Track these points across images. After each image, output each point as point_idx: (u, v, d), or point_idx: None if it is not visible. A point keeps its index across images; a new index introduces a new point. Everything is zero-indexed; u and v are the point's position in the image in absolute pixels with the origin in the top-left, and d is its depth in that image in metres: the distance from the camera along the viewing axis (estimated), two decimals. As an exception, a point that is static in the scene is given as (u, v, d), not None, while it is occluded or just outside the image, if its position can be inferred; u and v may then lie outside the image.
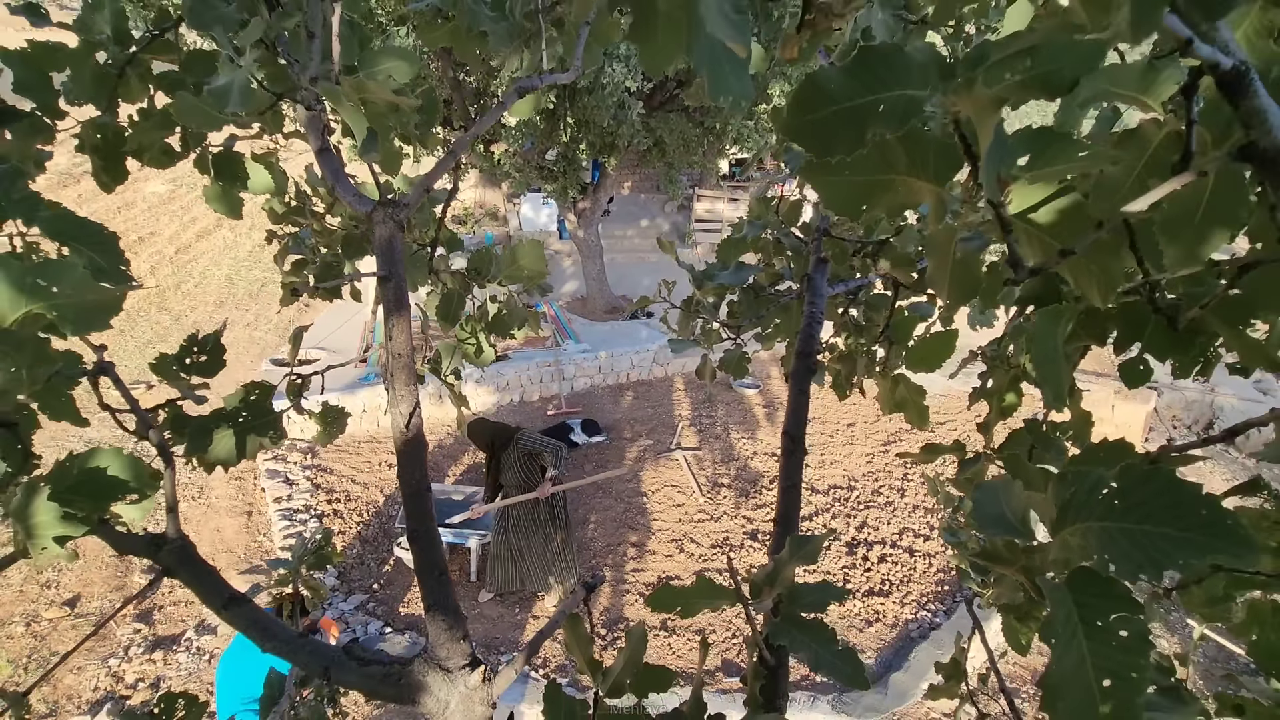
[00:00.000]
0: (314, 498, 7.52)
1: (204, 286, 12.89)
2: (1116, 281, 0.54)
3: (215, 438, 1.02)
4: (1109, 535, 0.56)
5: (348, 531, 7.07)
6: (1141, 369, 0.93)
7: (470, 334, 1.58)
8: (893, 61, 0.56)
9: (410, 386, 1.03)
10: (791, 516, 1.18)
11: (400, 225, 1.06)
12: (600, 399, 9.93)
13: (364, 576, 6.55)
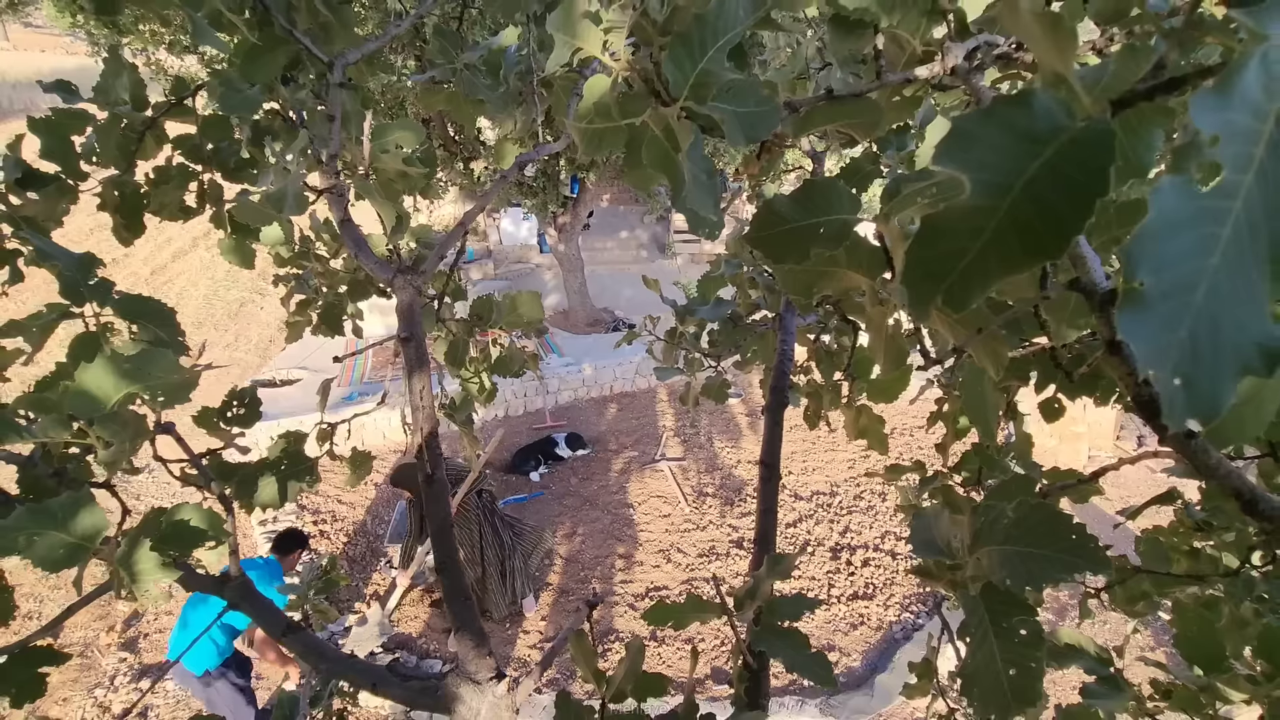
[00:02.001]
0: (299, 519, 7.53)
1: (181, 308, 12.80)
2: (1004, 360, 0.70)
3: (260, 485, 1.15)
4: (1006, 556, 0.72)
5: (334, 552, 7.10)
6: (1056, 406, 1.11)
7: (474, 374, 1.72)
8: (829, 192, 0.73)
9: (434, 438, 1.17)
10: (769, 536, 1.33)
11: (419, 291, 1.21)
12: (585, 412, 10.05)
13: (351, 598, 6.59)
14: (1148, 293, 0.24)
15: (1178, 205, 0.24)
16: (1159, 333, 0.23)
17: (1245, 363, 0.24)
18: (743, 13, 0.59)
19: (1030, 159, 0.30)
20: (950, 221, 0.32)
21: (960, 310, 0.32)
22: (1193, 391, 0.24)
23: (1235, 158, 0.23)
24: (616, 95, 0.64)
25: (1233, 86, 0.24)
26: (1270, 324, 0.24)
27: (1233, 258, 0.23)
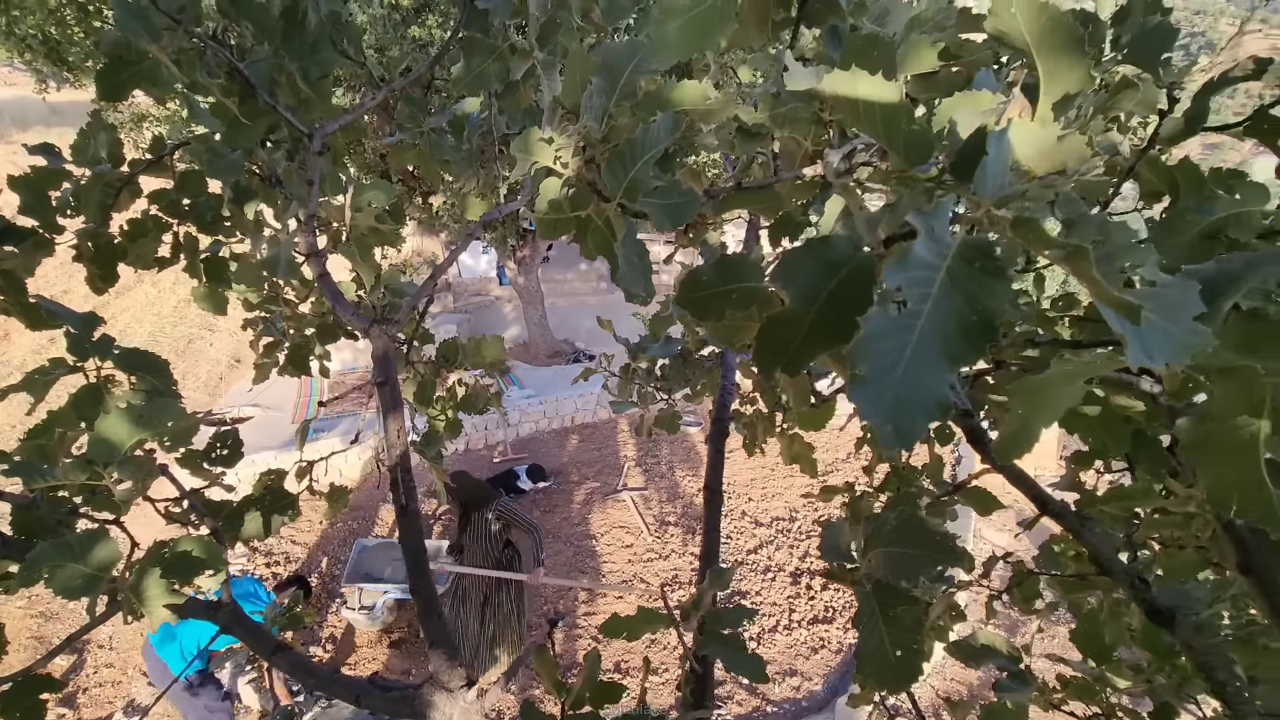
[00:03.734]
0: (250, 561, 7.35)
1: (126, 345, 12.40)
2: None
3: (246, 519, 1.25)
4: (889, 556, 0.90)
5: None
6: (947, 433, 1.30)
7: (441, 412, 1.85)
8: (741, 264, 0.91)
9: (408, 473, 1.29)
10: (713, 553, 1.49)
11: (393, 339, 1.34)
12: (546, 443, 10.09)
13: (306, 641, 6.44)
14: (865, 376, 0.40)
15: (880, 324, 0.41)
16: (873, 399, 0.40)
17: (929, 412, 0.41)
18: (663, 134, 0.77)
19: (829, 280, 0.48)
20: (782, 319, 0.49)
21: (793, 375, 0.49)
22: (899, 432, 0.41)
23: (916, 297, 0.41)
24: (567, 194, 0.81)
25: (908, 255, 0.41)
26: (945, 389, 0.41)
27: (920, 352, 0.40)
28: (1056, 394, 0.59)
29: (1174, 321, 0.42)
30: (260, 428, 9.28)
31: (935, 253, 0.41)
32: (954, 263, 0.42)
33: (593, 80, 0.82)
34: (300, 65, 1.46)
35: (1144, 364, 0.40)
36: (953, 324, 0.41)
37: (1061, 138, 0.45)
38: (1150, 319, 0.42)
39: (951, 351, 0.41)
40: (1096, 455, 1.29)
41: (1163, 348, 0.41)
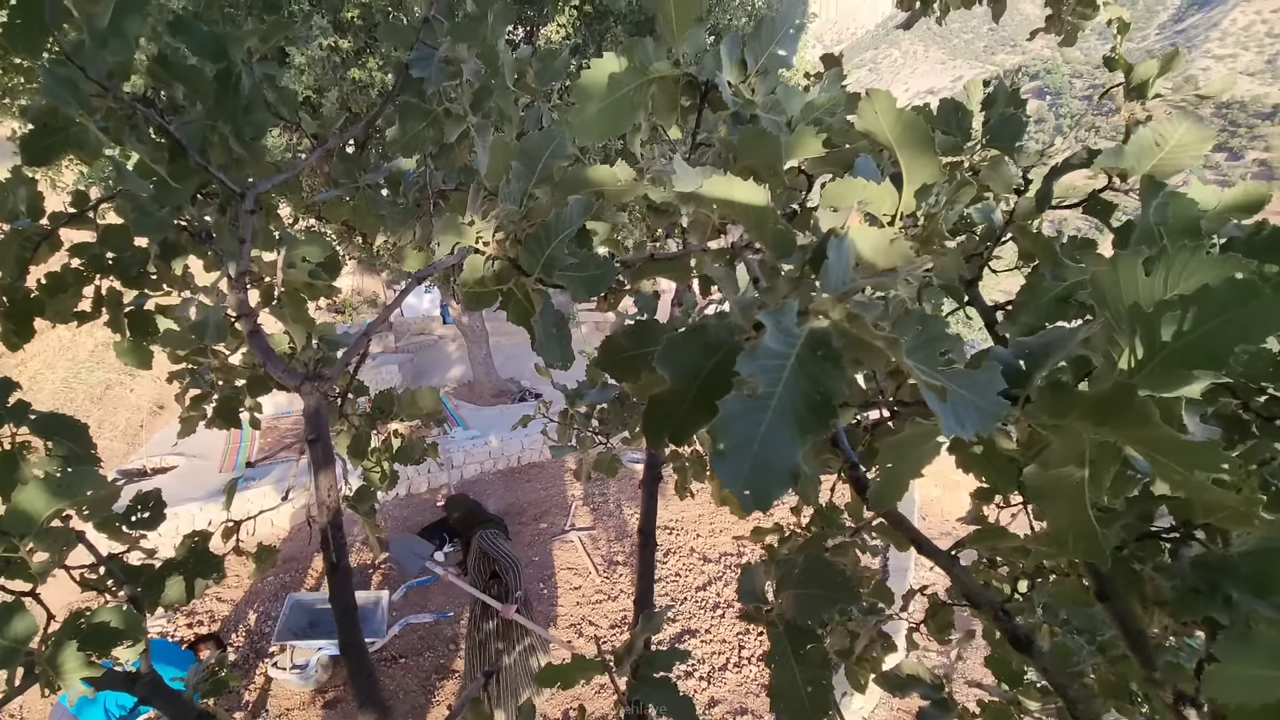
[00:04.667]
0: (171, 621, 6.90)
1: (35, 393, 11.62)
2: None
3: (167, 585, 1.22)
4: (798, 598, 0.97)
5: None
6: (858, 474, 1.41)
7: (376, 464, 1.84)
8: (654, 330, 0.99)
9: (339, 530, 1.29)
10: (647, 598, 1.53)
11: (325, 395, 1.36)
12: (492, 485, 9.91)
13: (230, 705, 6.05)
14: (725, 450, 0.48)
15: (737, 406, 0.48)
16: (732, 471, 0.47)
17: (783, 480, 0.48)
18: (576, 216, 0.84)
19: (706, 361, 0.55)
20: (666, 398, 0.56)
21: (680, 444, 0.56)
22: (756, 498, 0.48)
23: (768, 382, 0.49)
24: (491, 268, 0.87)
25: (759, 348, 0.49)
26: (797, 459, 0.49)
27: (773, 429, 0.48)
28: (917, 451, 0.68)
29: (981, 396, 0.51)
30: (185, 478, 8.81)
31: (785, 343, 0.49)
32: (802, 351, 0.50)
33: (513, 165, 0.90)
34: (233, 126, 1.49)
35: (956, 433, 0.49)
36: (801, 403, 0.49)
37: (893, 241, 0.54)
38: (961, 394, 0.50)
39: (801, 427, 0.49)
40: (993, 491, 1.41)
41: (971, 418, 0.50)
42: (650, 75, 1.05)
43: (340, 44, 7.81)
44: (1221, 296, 0.54)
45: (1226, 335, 0.53)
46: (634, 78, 1.05)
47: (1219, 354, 0.54)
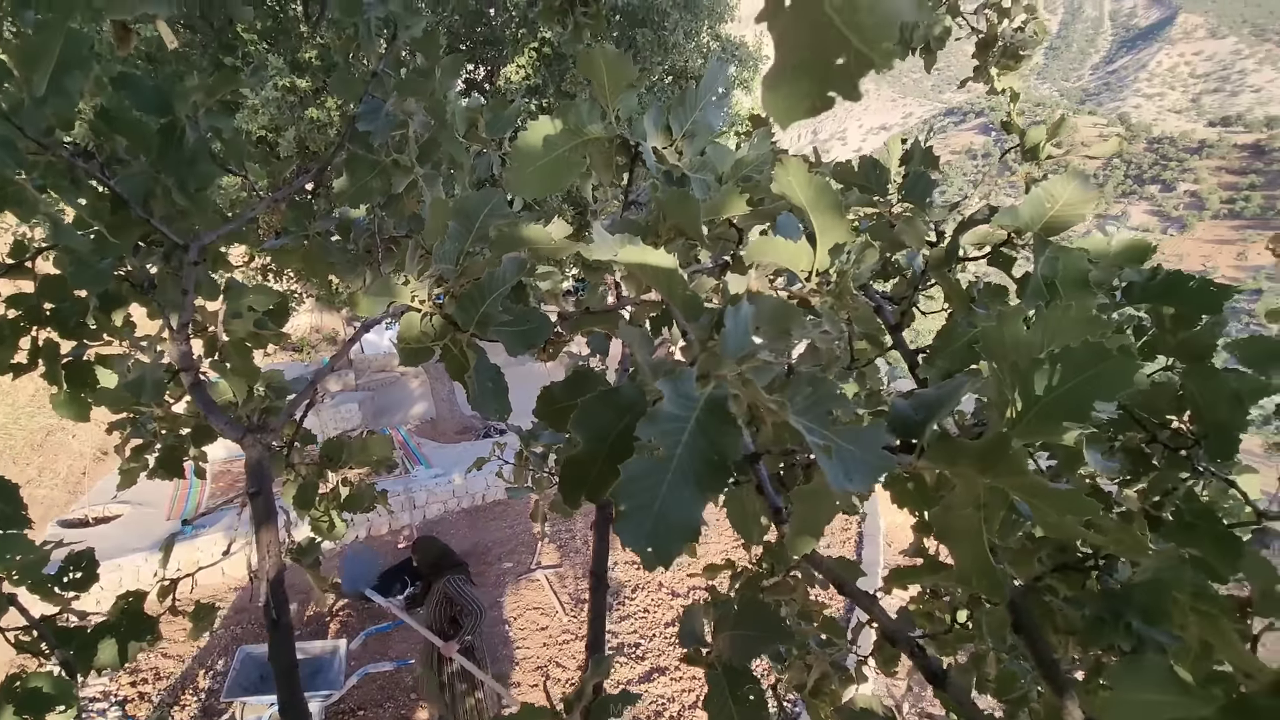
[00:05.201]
0: (114, 681, 6.53)
1: (-30, 442, 11.03)
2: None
3: (100, 648, 1.18)
4: (734, 639, 0.99)
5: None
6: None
7: (324, 513, 1.81)
8: (588, 380, 1.02)
9: (280, 585, 1.27)
10: (599, 641, 1.53)
11: (268, 448, 1.35)
12: (456, 525, 9.70)
13: (180, 768, 5.72)
14: (627, 510, 0.51)
15: (639, 467, 0.52)
16: (634, 530, 0.51)
17: (684, 536, 0.52)
18: (509, 274, 0.88)
19: (618, 423, 0.59)
20: (580, 459, 0.59)
21: (595, 501, 0.59)
22: (658, 554, 0.51)
23: (668, 444, 0.52)
24: (428, 323, 0.90)
25: (658, 413, 0.53)
26: (698, 515, 0.52)
27: (673, 489, 0.52)
28: (827, 499, 0.72)
29: (867, 451, 0.55)
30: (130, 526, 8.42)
31: (684, 407, 0.53)
32: (701, 413, 0.54)
33: (450, 224, 0.93)
34: (177, 178, 1.49)
35: (843, 487, 0.53)
36: (700, 464, 0.53)
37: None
38: (849, 450, 0.55)
39: (701, 485, 0.53)
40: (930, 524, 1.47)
41: (858, 473, 0.54)
42: (585, 137, 1.10)
43: (298, 83, 7.82)
44: (1080, 357, 0.59)
45: (1086, 392, 0.59)
46: (569, 139, 1.10)
47: (1082, 408, 0.60)
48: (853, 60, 0.33)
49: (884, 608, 1.28)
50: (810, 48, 0.33)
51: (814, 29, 0.33)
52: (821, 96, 0.35)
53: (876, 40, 0.32)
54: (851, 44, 0.32)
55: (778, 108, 0.36)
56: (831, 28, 0.33)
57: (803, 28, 0.33)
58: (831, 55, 0.33)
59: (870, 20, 0.31)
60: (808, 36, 0.33)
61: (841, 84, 0.34)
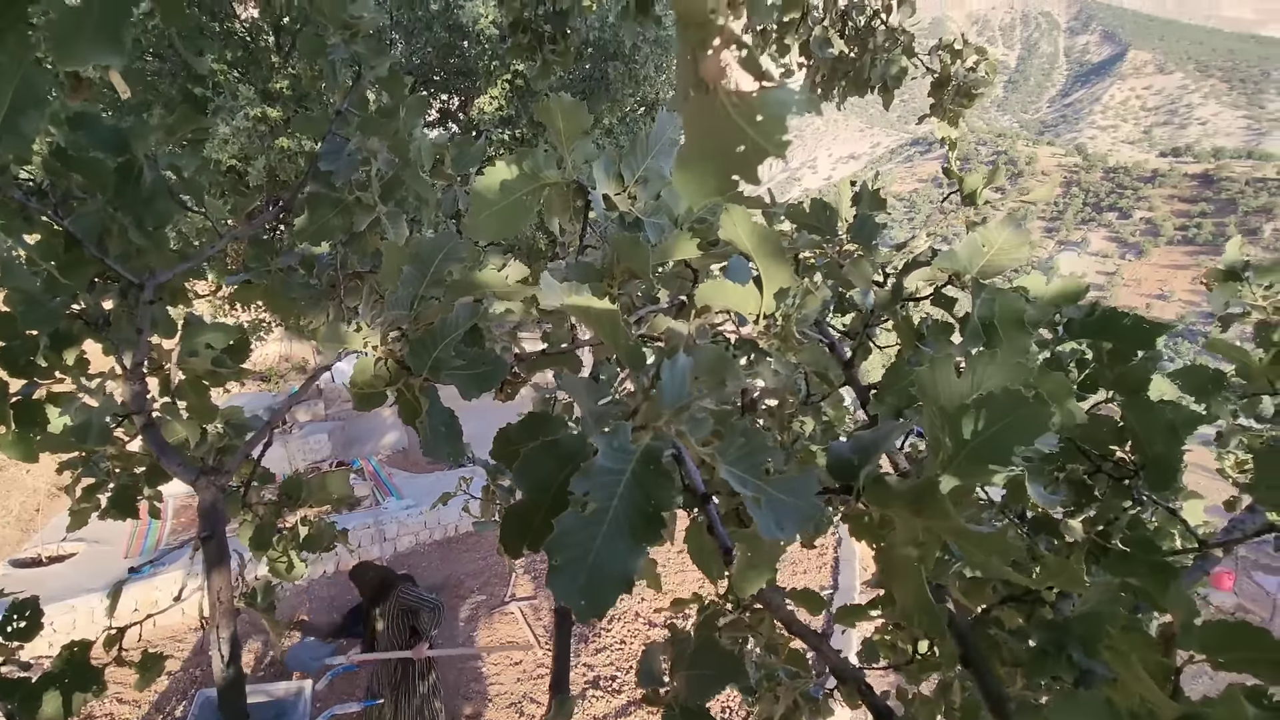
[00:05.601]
0: (64, 731, 6.18)
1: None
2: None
3: (45, 700, 1.13)
4: (689, 679, 0.99)
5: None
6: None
7: (282, 553, 1.77)
8: (544, 421, 1.03)
9: (231, 629, 1.24)
10: (562, 680, 1.51)
11: (222, 490, 1.32)
12: (427, 557, 9.49)
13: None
14: (560, 565, 0.52)
15: (573, 522, 0.53)
16: (567, 584, 0.52)
17: (618, 587, 0.53)
18: (462, 320, 0.89)
19: (560, 472, 0.60)
20: (521, 509, 0.60)
21: (536, 551, 0.59)
22: (591, 607, 0.52)
23: (603, 497, 0.54)
24: (380, 369, 0.90)
25: (592, 467, 0.54)
26: (633, 566, 0.53)
27: (608, 541, 0.53)
28: (771, 543, 0.73)
29: (800, 499, 0.57)
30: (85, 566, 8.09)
31: (619, 460, 0.55)
32: (637, 465, 0.55)
33: (404, 269, 0.94)
34: (134, 217, 1.48)
35: (775, 536, 0.54)
36: (636, 515, 0.54)
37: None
38: (781, 499, 0.57)
39: (636, 536, 0.54)
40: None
41: (790, 521, 0.56)
42: (541, 182, 1.13)
43: (269, 113, 7.81)
44: (1001, 403, 0.62)
45: (1008, 437, 0.62)
46: (526, 184, 1.12)
47: (1004, 452, 0.63)
48: (750, 149, 0.35)
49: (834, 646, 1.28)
50: (713, 136, 0.36)
51: (715, 120, 0.36)
52: (725, 180, 0.37)
53: (769, 133, 0.34)
54: (748, 135, 0.35)
55: (687, 188, 0.38)
56: (730, 120, 0.35)
57: (705, 118, 0.36)
58: (731, 144, 0.35)
59: (763, 115, 0.34)
60: (710, 126, 0.36)
61: (742, 169, 0.36)
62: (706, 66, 0.34)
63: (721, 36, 0.33)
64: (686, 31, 0.34)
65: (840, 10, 3.38)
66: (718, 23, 0.33)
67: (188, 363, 1.49)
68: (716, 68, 0.34)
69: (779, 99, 0.33)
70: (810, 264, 1.53)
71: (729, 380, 0.61)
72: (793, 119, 0.36)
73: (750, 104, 0.34)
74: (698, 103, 0.35)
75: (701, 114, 0.35)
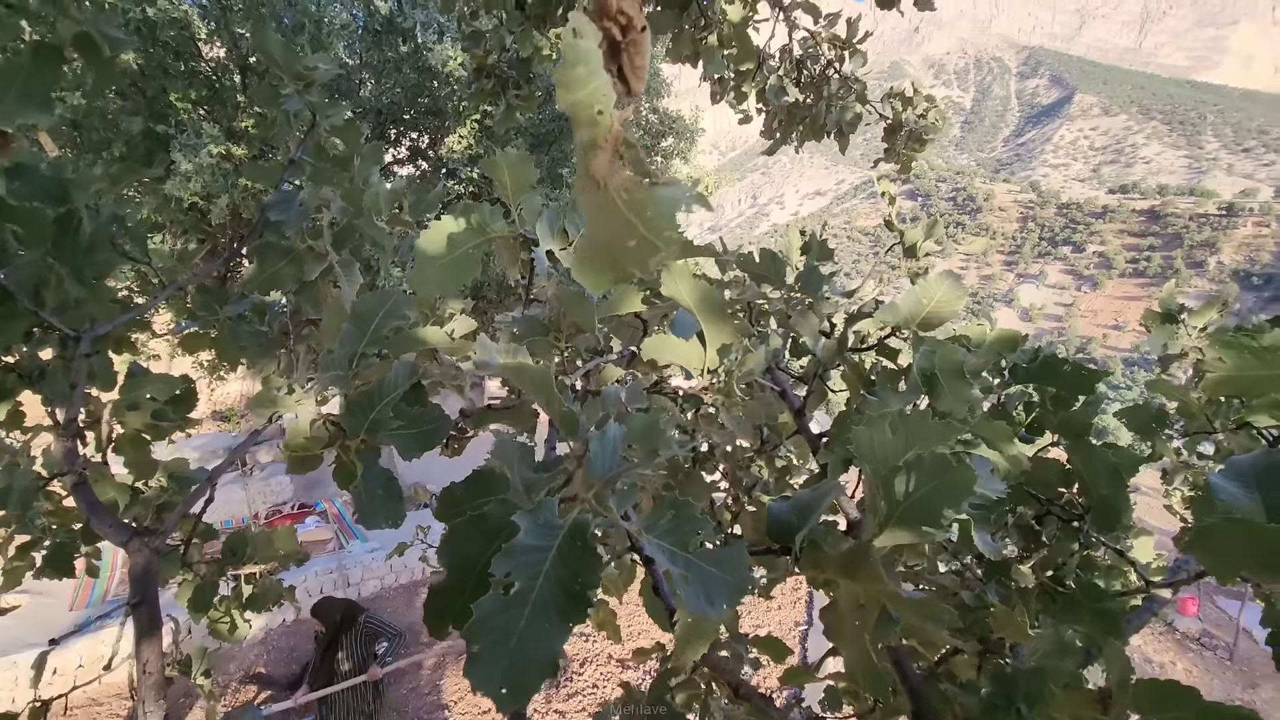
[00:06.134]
0: (-9, 805, 5.79)
1: None
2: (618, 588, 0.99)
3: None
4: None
5: None
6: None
7: (224, 614, 1.69)
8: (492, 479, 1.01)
9: (160, 701, 1.17)
10: None
11: (157, 551, 1.26)
12: (392, 601, 9.19)
13: None
14: (479, 652, 0.50)
15: (493, 605, 0.52)
16: (487, 671, 0.50)
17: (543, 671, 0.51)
18: (401, 379, 0.87)
19: (487, 548, 0.58)
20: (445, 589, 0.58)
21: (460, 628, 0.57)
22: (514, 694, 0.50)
23: (526, 577, 0.52)
24: (317, 430, 0.88)
25: (514, 547, 0.53)
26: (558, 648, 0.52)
27: (532, 623, 0.51)
28: (711, 604, 0.72)
29: (730, 572, 0.56)
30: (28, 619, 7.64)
31: (545, 537, 0.53)
32: (563, 542, 0.54)
33: (344, 327, 0.93)
34: (72, 268, 1.44)
35: (705, 613, 0.53)
36: (562, 594, 0.53)
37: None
38: (712, 573, 0.56)
39: (563, 616, 0.52)
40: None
41: (718, 595, 0.55)
42: (489, 235, 1.13)
43: (233, 150, 7.75)
44: (929, 467, 0.63)
45: (936, 500, 0.62)
46: (473, 237, 1.12)
47: (934, 515, 0.63)
48: (642, 244, 0.35)
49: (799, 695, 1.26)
50: (606, 230, 0.36)
51: (608, 215, 0.36)
52: (621, 272, 0.37)
53: (658, 230, 0.34)
54: (639, 231, 0.35)
55: (585, 278, 0.38)
56: (622, 215, 0.35)
57: (599, 213, 0.36)
58: (624, 238, 0.35)
59: (652, 213, 0.34)
60: (604, 221, 0.36)
61: (636, 262, 0.36)
62: (596, 165, 0.34)
63: (609, 136, 0.34)
64: (577, 130, 0.34)
65: (795, 59, 3.50)
66: (605, 123, 0.34)
67: (127, 416, 1.43)
68: (606, 165, 0.34)
69: (668, 197, 0.34)
70: (764, 309, 1.55)
71: (662, 449, 0.61)
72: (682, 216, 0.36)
73: (640, 201, 0.34)
74: (591, 198, 0.35)
75: (595, 209, 0.35)
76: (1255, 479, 0.82)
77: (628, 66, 0.37)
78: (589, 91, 0.32)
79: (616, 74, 0.38)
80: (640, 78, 0.38)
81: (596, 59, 0.32)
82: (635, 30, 0.35)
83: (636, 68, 0.38)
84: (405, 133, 11.59)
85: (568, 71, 0.32)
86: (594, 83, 0.32)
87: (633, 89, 0.38)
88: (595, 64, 0.32)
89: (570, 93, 0.32)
